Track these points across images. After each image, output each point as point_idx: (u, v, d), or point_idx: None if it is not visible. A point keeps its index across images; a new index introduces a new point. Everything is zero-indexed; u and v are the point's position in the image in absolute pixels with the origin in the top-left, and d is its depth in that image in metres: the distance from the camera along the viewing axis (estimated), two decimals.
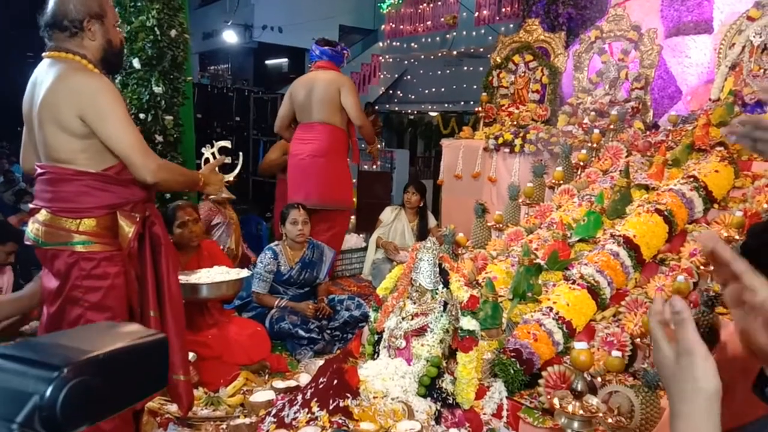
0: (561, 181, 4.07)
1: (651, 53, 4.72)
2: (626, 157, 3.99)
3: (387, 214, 5.40)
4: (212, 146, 2.71)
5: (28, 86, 2.10)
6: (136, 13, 4.42)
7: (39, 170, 2.07)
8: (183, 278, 2.82)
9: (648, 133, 4.28)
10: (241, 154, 2.86)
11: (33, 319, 2.39)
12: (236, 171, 2.62)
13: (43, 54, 2.08)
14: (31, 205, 2.11)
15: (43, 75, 2.03)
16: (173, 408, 2.49)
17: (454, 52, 12.60)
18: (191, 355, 2.64)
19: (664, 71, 4.89)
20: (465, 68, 13.08)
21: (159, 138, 4.42)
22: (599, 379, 2.46)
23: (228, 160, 2.62)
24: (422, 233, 5.18)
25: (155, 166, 2.04)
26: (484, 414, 2.46)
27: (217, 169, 2.50)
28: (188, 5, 5.06)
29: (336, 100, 4.28)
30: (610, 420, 2.11)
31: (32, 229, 2.06)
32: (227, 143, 2.68)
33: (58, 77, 1.98)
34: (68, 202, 2.01)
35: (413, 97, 14.66)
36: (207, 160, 2.58)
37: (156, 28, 4.41)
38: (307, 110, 4.34)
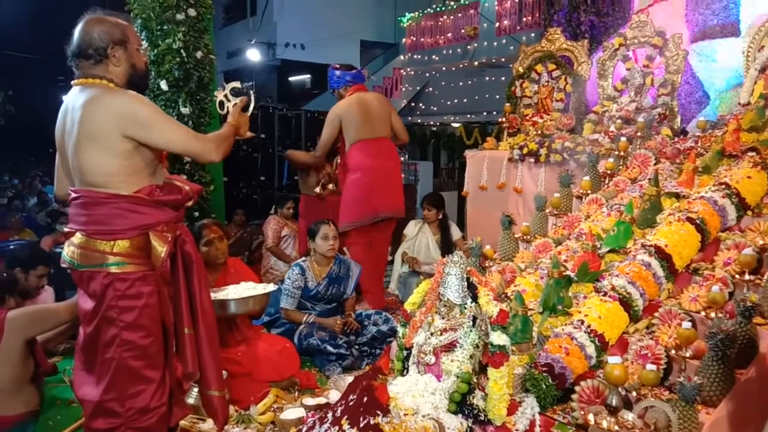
0: (589, 191, 4.02)
1: (677, 58, 4.65)
2: (655, 164, 3.93)
3: (411, 228, 5.41)
4: (223, 89, 2.66)
5: (59, 114, 2.15)
6: (163, 36, 4.52)
7: (73, 194, 2.12)
8: (211, 295, 2.85)
9: (676, 139, 4.21)
10: (252, 85, 2.84)
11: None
12: (252, 106, 2.61)
13: (72, 82, 2.14)
14: (66, 229, 2.16)
15: (74, 101, 2.08)
16: (206, 426, 2.51)
17: (476, 63, 12.58)
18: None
19: (691, 76, 4.82)
20: (487, 79, 13.04)
21: (186, 158, 4.49)
22: (634, 393, 2.41)
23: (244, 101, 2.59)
24: (445, 245, 5.18)
25: (214, 146, 2.21)
26: (517, 430, 2.42)
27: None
28: (212, 26, 5.16)
29: (389, 118, 4.64)
30: None
31: (68, 252, 2.10)
32: (237, 83, 2.67)
33: (90, 101, 2.03)
34: (102, 224, 2.05)
35: (435, 108, 14.66)
36: (221, 104, 2.58)
37: (182, 51, 4.50)
38: (369, 128, 4.48)
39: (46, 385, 3.04)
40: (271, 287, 3.19)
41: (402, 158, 11.28)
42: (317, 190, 4.92)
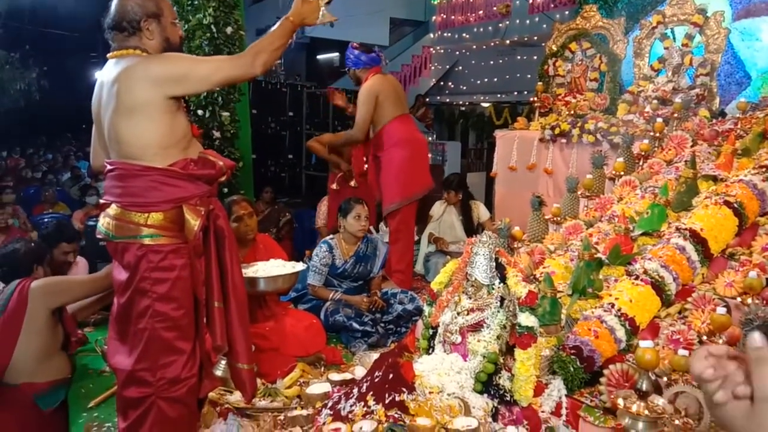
0: (622, 173, 3.93)
1: (717, 37, 4.49)
2: (691, 146, 3.82)
3: (437, 208, 5.41)
4: None
5: (95, 88, 2.17)
6: (193, 11, 4.53)
7: (109, 167, 2.14)
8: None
9: (714, 121, 4.09)
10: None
11: None
12: None
13: (108, 55, 2.15)
14: (102, 201, 2.19)
15: (110, 74, 2.09)
16: (233, 398, 2.55)
17: (507, 42, 12.34)
18: None
19: (732, 56, 4.67)
20: (518, 57, 12.79)
21: (216, 134, 4.52)
22: (664, 378, 2.37)
23: None
24: (466, 227, 5.17)
25: (249, 60, 2.12)
26: (543, 412, 2.41)
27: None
28: (243, 2, 5.14)
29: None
30: (677, 422, 2.02)
31: (103, 223, 2.13)
32: None
33: (125, 71, 2.04)
34: (137, 196, 2.07)
35: (465, 88, 14.46)
36: None
37: (212, 26, 4.50)
38: (400, 105, 4.53)
39: (77, 354, 3.11)
40: (300, 266, 3.20)
41: (429, 138, 11.23)
42: (334, 186, 4.92)
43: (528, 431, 2.25)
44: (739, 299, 2.60)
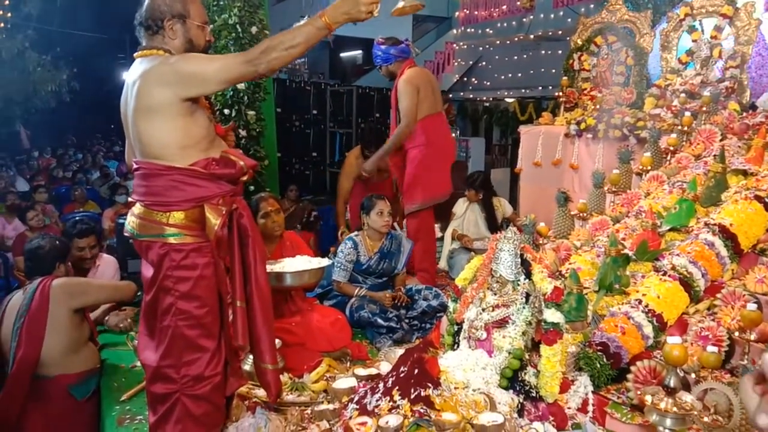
0: (649, 167, 3.89)
1: (748, 29, 4.40)
2: (721, 140, 3.75)
3: (460, 206, 5.39)
4: None
5: (124, 88, 2.21)
6: (219, 11, 4.59)
7: (135, 166, 2.18)
8: (268, 267, 2.91)
9: (745, 114, 4.00)
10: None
11: None
12: None
13: (134, 54, 2.19)
14: (129, 199, 2.23)
15: (134, 74, 2.13)
16: (261, 393, 2.58)
17: (531, 36, 12.25)
18: (276, 342, 2.72)
19: (763, 47, 4.55)
20: (543, 52, 12.68)
21: (242, 132, 4.58)
22: (693, 375, 2.35)
23: None
24: (490, 224, 5.13)
25: (253, 57, 2.00)
26: (569, 408, 2.40)
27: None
28: (267, 2, 5.19)
29: None
30: (705, 419, 2.00)
31: (129, 221, 2.17)
32: None
33: (145, 73, 2.06)
34: (158, 195, 2.10)
35: (488, 83, 14.38)
36: None
37: (237, 26, 4.56)
38: (436, 101, 4.43)
39: (104, 349, 3.27)
40: (325, 261, 3.23)
41: (454, 134, 11.19)
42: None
43: (554, 427, 2.25)
44: None
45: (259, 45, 2.05)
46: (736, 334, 2.42)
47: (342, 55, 18.83)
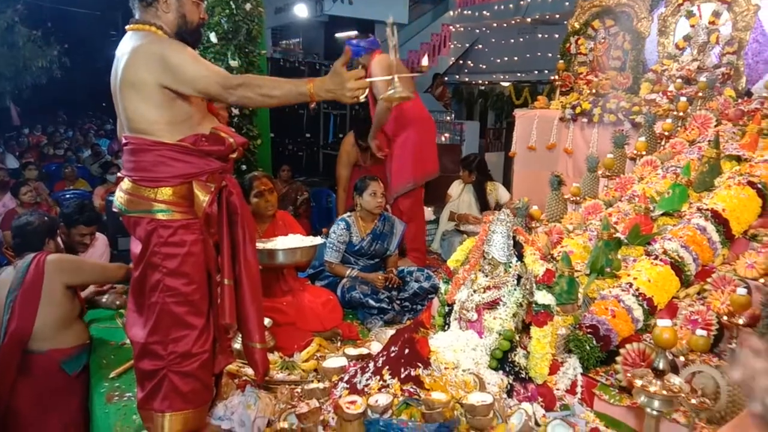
0: (644, 152, 3.88)
1: (746, 14, 4.37)
2: (716, 126, 3.75)
3: (455, 188, 5.42)
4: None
5: (114, 62, 2.17)
6: None
7: (123, 141, 2.15)
8: (260, 245, 2.90)
9: (740, 101, 3.99)
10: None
11: None
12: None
13: (126, 27, 2.15)
14: (118, 174, 2.21)
15: (123, 48, 2.09)
16: (251, 371, 2.58)
17: (528, 20, 12.16)
18: (267, 321, 2.72)
19: (761, 34, 4.53)
20: (539, 36, 12.61)
21: (235, 111, 4.53)
22: (681, 358, 2.36)
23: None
24: (482, 206, 5.16)
25: (230, 84, 1.98)
26: (558, 389, 2.42)
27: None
28: None
29: None
30: (693, 401, 2.01)
31: (117, 197, 2.15)
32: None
33: (133, 50, 2.03)
34: (146, 171, 2.07)
35: (484, 67, 14.30)
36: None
37: (231, 2, 4.49)
38: (406, 84, 4.43)
39: (93, 325, 3.30)
40: (318, 240, 3.22)
41: (448, 118, 11.14)
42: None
43: (543, 408, 2.26)
44: (760, 281, 2.56)
45: (241, 77, 2.06)
46: (725, 318, 2.43)
47: (337, 35, 18.65)
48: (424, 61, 2.55)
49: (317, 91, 2.00)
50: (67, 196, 6.94)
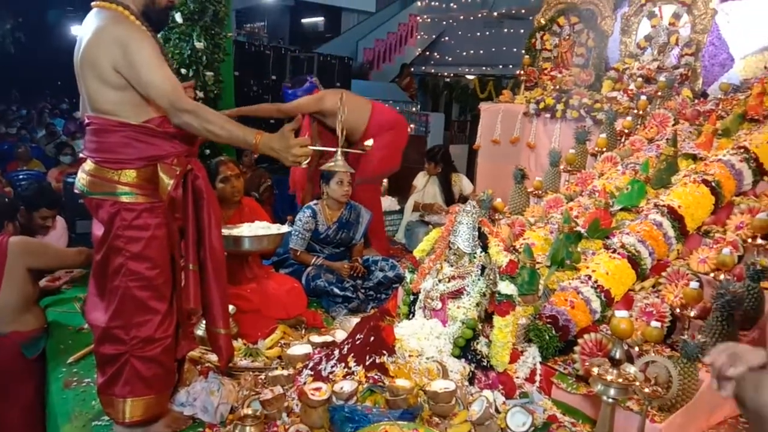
0: (604, 149, 3.99)
1: (704, 17, 4.53)
2: (673, 125, 3.87)
3: (420, 179, 5.44)
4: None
5: (78, 38, 2.11)
6: None
7: (86, 120, 2.09)
8: (226, 231, 2.87)
9: (697, 101, 4.14)
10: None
11: None
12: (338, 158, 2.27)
13: (92, 3, 2.09)
14: (81, 155, 2.15)
15: (87, 26, 2.03)
16: (214, 357, 2.56)
17: (495, 13, 12.29)
18: (231, 308, 2.70)
19: (716, 37, 4.69)
20: (505, 30, 12.74)
21: (200, 94, 4.45)
22: (636, 348, 2.45)
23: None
24: (447, 199, 5.20)
25: (180, 107, 1.96)
26: (517, 378, 2.48)
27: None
28: None
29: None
30: (646, 390, 2.10)
31: (80, 178, 2.09)
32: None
33: (96, 29, 1.98)
34: (110, 152, 2.02)
35: (450, 59, 14.37)
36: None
37: None
38: (361, 105, 4.41)
39: (49, 309, 3.26)
40: (284, 228, 3.21)
41: (413, 109, 11.17)
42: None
43: (503, 395, 2.32)
44: (711, 275, 2.68)
45: (194, 104, 2.02)
46: (678, 310, 2.54)
47: (303, 21, 18.44)
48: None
49: (262, 147, 2.02)
50: (21, 176, 6.68)
